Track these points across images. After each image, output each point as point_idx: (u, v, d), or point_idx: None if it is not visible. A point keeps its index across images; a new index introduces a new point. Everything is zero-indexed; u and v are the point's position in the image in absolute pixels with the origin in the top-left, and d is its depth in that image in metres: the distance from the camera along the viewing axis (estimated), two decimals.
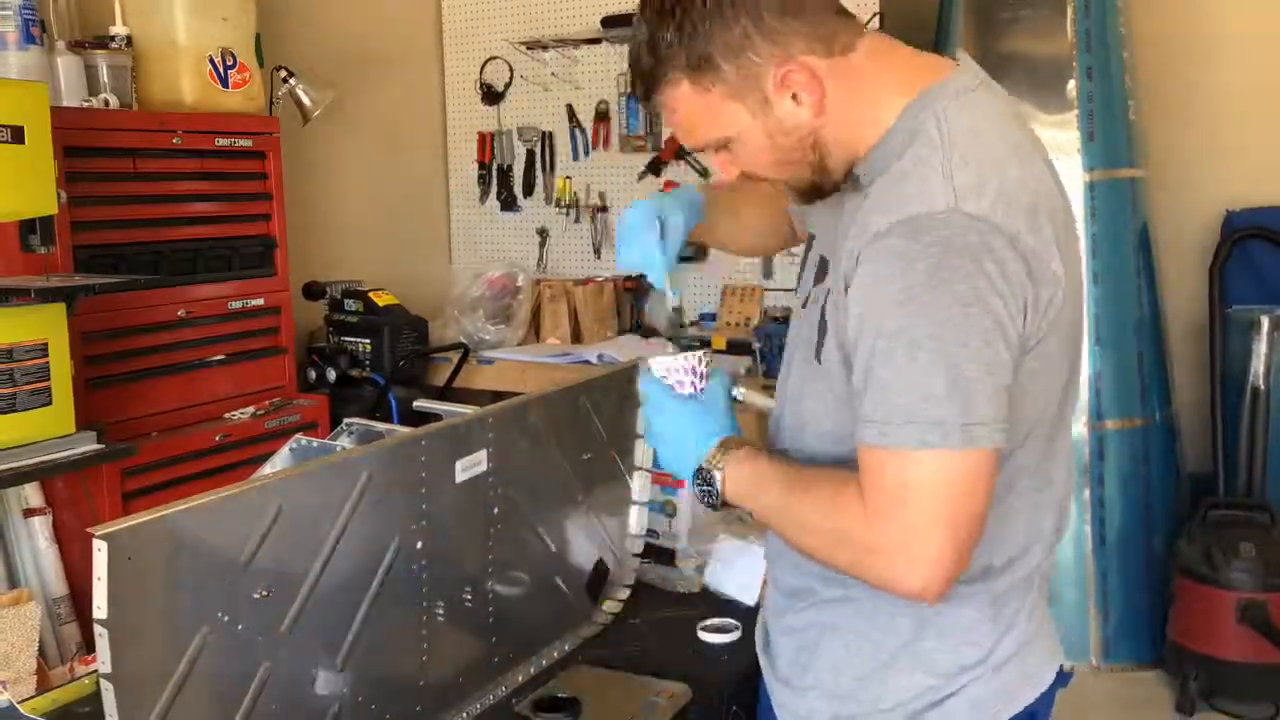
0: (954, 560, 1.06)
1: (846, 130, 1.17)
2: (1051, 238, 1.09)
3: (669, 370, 1.35)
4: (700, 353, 1.36)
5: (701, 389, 1.34)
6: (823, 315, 1.19)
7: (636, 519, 1.90)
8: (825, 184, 1.22)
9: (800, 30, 1.12)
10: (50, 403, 2.36)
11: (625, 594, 1.88)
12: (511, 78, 4.45)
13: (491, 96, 4.48)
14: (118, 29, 2.92)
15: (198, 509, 1.10)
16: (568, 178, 4.43)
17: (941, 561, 1.05)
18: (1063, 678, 1.29)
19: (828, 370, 1.19)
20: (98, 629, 1.00)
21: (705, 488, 1.26)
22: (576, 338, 4.19)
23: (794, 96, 1.14)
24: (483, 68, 4.49)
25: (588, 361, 3.72)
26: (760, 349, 3.44)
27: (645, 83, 1.19)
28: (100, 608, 1.00)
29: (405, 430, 1.52)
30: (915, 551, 1.05)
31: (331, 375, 3.59)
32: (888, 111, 1.15)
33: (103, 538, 1.00)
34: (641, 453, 1.84)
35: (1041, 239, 1.07)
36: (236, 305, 3.11)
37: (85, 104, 2.78)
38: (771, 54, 1.13)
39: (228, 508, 1.13)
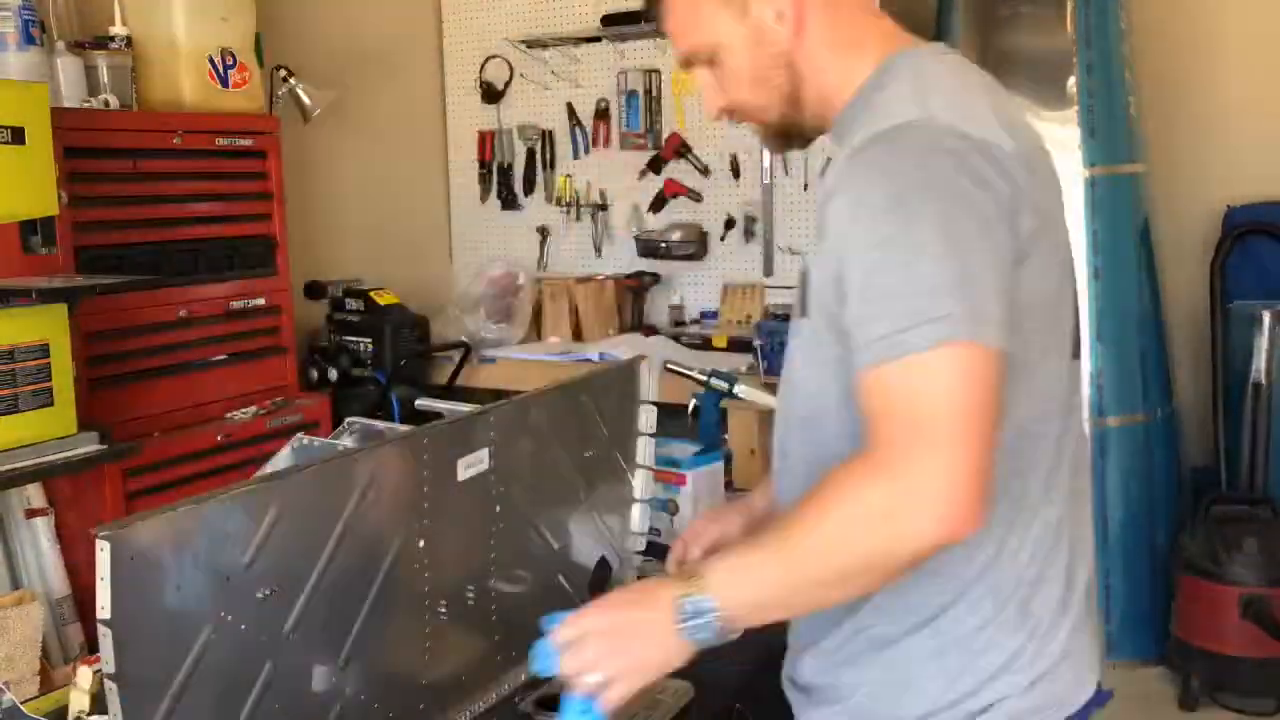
0: (980, 476, 0.95)
1: (823, 68, 1.19)
2: (1026, 170, 1.08)
3: None
4: None
5: None
6: (805, 273, 1.16)
7: (639, 516, 1.90)
8: (797, 122, 1.23)
9: None
10: (52, 403, 2.36)
11: None
12: (511, 76, 4.44)
13: (492, 95, 4.48)
14: (118, 29, 2.92)
15: (200, 509, 1.10)
16: (568, 176, 4.42)
17: (969, 477, 0.94)
18: (1100, 696, 1.23)
19: (814, 328, 1.13)
20: (101, 629, 1.00)
21: (694, 621, 1.02)
22: (578, 335, 4.19)
23: (778, 15, 1.17)
24: (483, 66, 4.49)
25: (589, 359, 3.72)
26: (761, 346, 3.44)
27: None
28: (104, 608, 1.00)
29: (407, 429, 1.53)
30: (941, 474, 0.94)
31: (333, 374, 3.59)
32: (865, 62, 1.17)
33: (105, 538, 1.00)
34: (643, 450, 1.85)
35: (1017, 160, 1.06)
36: (238, 305, 3.10)
37: (85, 104, 2.78)
38: None
39: (230, 507, 1.13)
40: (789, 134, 1.25)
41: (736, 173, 4.06)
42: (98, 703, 1.33)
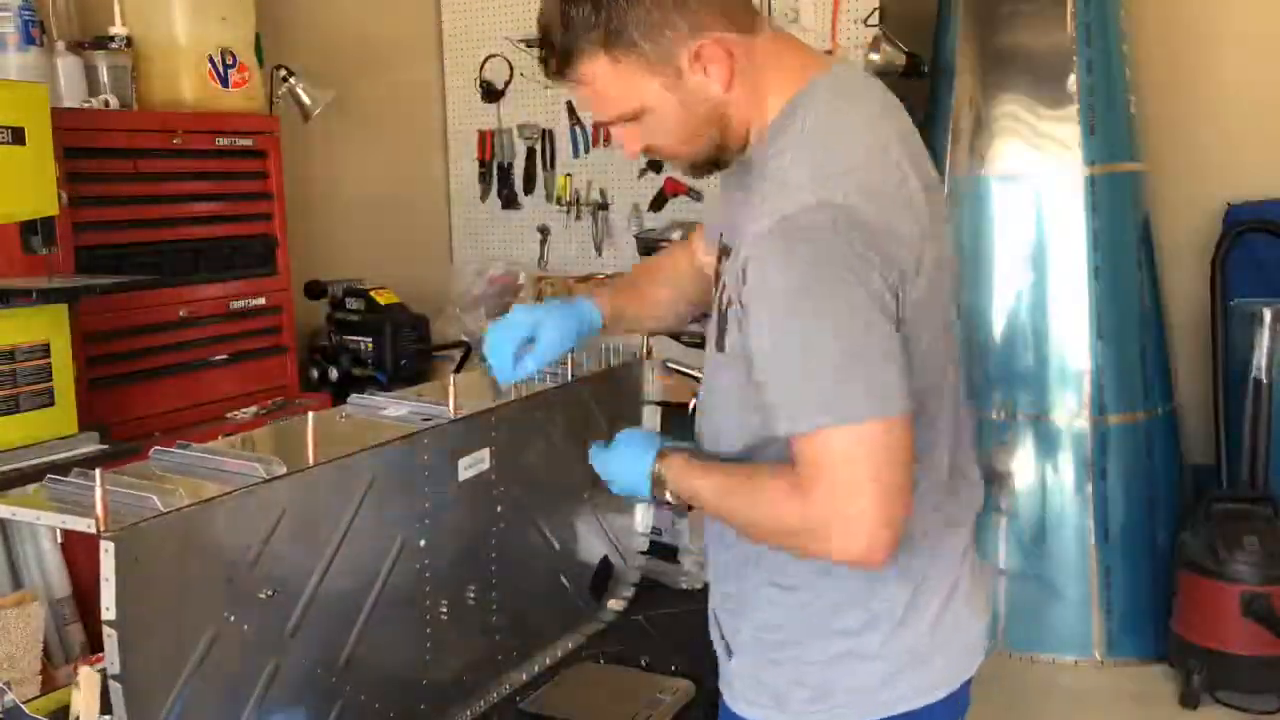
0: (884, 520, 1.11)
1: (746, 109, 1.23)
2: (909, 222, 1.16)
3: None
4: None
5: None
6: (723, 305, 1.25)
7: (642, 516, 1.90)
8: (722, 160, 1.28)
9: (714, 7, 1.18)
10: (53, 404, 2.36)
11: (631, 591, 1.88)
12: (511, 75, 4.44)
13: (491, 94, 4.48)
14: (117, 29, 2.92)
15: (203, 510, 1.11)
16: (568, 175, 4.42)
17: (871, 521, 1.10)
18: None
19: (731, 360, 1.24)
20: (106, 630, 1.00)
21: (658, 492, 1.34)
22: None
23: (705, 70, 1.19)
24: (482, 65, 4.48)
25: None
26: None
27: (559, 58, 1.21)
28: (108, 609, 1.00)
29: (408, 428, 1.53)
30: (847, 517, 1.11)
31: (334, 374, 3.59)
32: (779, 97, 1.22)
33: (110, 539, 1.00)
34: None
35: (895, 224, 1.14)
36: (238, 305, 3.10)
37: (85, 105, 2.78)
38: (687, 29, 1.17)
39: (233, 508, 1.14)
40: (717, 165, 1.29)
41: None
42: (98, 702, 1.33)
